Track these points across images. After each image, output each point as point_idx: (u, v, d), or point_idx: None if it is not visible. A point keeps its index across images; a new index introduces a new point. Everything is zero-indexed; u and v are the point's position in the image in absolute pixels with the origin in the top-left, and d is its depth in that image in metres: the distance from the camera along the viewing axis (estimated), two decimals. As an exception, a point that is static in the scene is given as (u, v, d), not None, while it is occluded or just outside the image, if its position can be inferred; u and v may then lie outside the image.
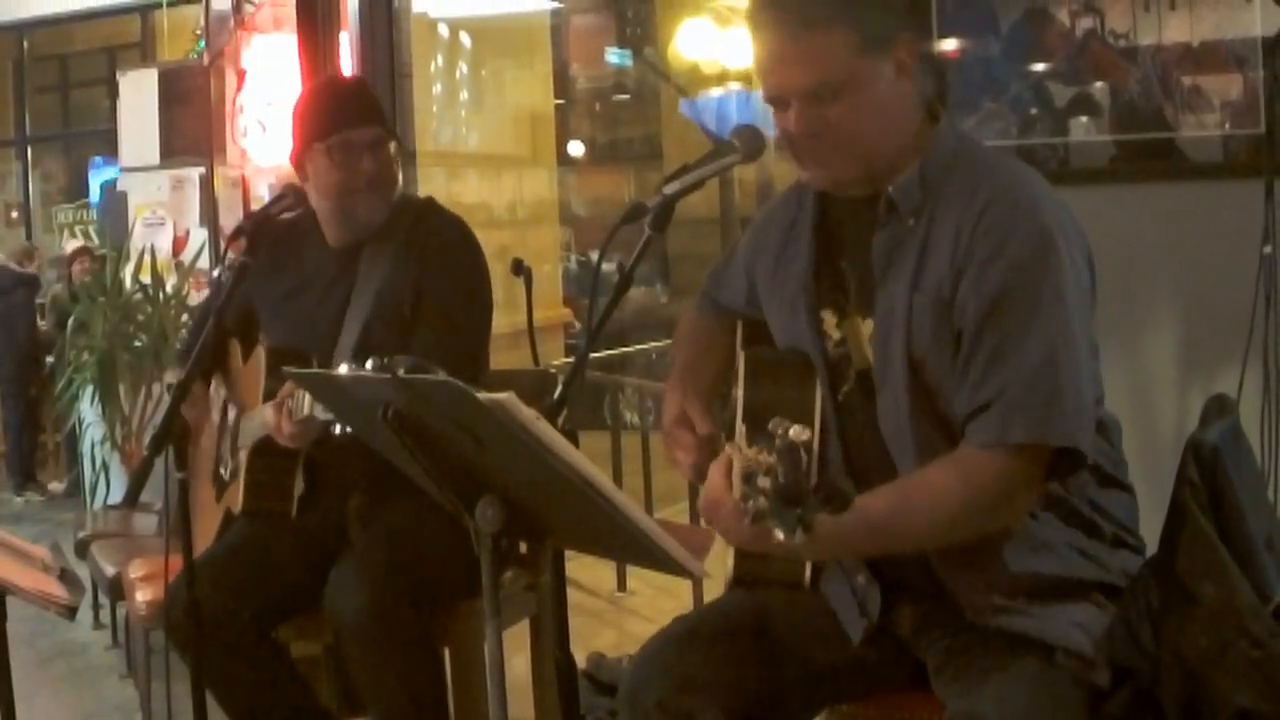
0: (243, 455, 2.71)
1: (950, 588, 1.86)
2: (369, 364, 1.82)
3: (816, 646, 1.95)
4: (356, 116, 2.67)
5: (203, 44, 7.92)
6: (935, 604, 1.88)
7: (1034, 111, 2.84)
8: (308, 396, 2.44)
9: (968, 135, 1.91)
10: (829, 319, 1.94)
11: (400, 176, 2.88)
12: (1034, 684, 1.75)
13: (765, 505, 1.47)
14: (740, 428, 1.94)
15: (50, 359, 7.24)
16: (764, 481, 1.47)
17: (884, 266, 1.85)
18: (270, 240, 2.65)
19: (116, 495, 6.13)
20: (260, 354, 2.74)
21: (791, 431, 1.45)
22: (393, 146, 2.74)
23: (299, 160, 2.70)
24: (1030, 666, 1.77)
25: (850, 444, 1.90)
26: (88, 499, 6.42)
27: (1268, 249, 2.53)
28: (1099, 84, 2.77)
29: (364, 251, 2.71)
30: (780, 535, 1.46)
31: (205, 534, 2.77)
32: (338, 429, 2.35)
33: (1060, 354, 1.73)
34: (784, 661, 1.94)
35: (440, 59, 6.50)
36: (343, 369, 2.11)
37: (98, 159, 11.27)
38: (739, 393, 1.98)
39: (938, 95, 1.95)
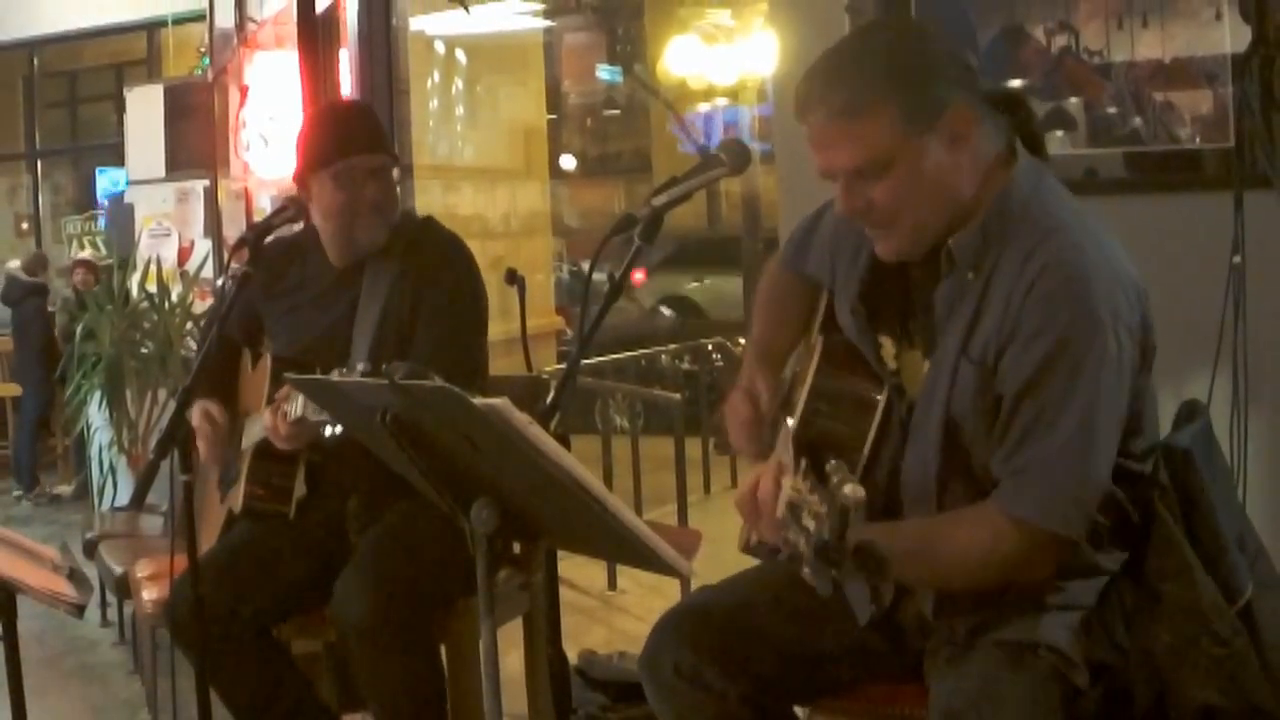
0: (245, 458, 2.75)
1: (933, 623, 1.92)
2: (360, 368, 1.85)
3: (826, 630, 1.99)
4: (361, 144, 2.69)
5: (207, 61, 7.99)
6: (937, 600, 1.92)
7: (1011, 126, 2.88)
8: (301, 399, 2.46)
9: (1043, 181, 1.86)
10: (887, 345, 1.95)
11: (399, 198, 2.91)
12: (1012, 677, 1.78)
13: (804, 551, 1.50)
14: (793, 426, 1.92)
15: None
16: (808, 522, 1.50)
17: (945, 316, 1.86)
18: (274, 254, 2.68)
19: (123, 497, 6.13)
20: (266, 361, 2.77)
21: (847, 489, 1.44)
22: (395, 172, 2.76)
23: (303, 182, 2.72)
24: (1009, 659, 1.80)
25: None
26: (95, 501, 6.40)
27: (1237, 259, 2.52)
28: (1074, 99, 2.76)
29: (366, 267, 2.74)
30: (807, 575, 1.50)
31: (211, 535, 2.80)
32: (328, 431, 2.39)
33: (1079, 442, 1.74)
34: (793, 641, 1.99)
35: (436, 75, 6.55)
36: (333, 375, 2.18)
37: (104, 170, 11.33)
38: (809, 374, 1.96)
39: (1023, 132, 1.88)
